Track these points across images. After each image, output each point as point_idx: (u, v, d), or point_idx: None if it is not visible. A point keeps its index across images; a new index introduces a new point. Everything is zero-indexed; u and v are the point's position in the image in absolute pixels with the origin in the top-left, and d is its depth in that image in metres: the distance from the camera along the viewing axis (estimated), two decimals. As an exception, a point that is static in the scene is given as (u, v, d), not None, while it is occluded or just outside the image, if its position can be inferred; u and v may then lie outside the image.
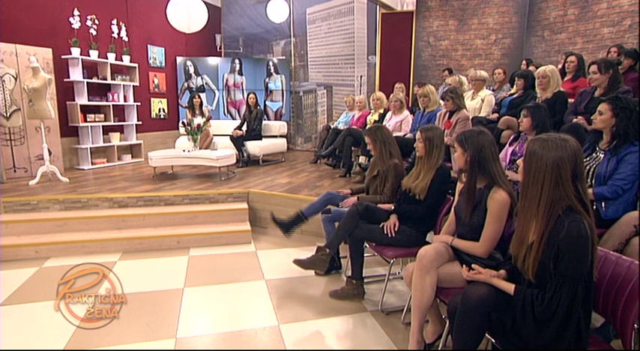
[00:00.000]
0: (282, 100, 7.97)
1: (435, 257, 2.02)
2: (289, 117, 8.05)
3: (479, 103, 4.51)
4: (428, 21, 6.91)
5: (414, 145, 2.78)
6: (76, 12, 5.54)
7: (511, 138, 3.12)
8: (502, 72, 5.20)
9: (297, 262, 2.90)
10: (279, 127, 7.11)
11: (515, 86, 4.34)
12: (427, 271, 1.98)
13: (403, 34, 7.03)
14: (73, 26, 5.53)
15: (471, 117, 4.01)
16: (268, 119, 7.39)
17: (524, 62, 5.79)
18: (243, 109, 7.72)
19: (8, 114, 4.74)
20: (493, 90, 4.97)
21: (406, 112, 4.93)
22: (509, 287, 1.57)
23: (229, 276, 3.19)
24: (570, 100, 3.60)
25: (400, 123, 4.83)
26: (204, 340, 2.35)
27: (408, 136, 4.58)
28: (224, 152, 5.22)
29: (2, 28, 4.90)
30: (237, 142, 6.15)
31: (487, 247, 1.96)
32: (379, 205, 2.86)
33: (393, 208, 2.75)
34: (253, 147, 6.22)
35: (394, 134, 4.67)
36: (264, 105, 7.76)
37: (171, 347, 2.25)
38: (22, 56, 4.91)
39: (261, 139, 6.48)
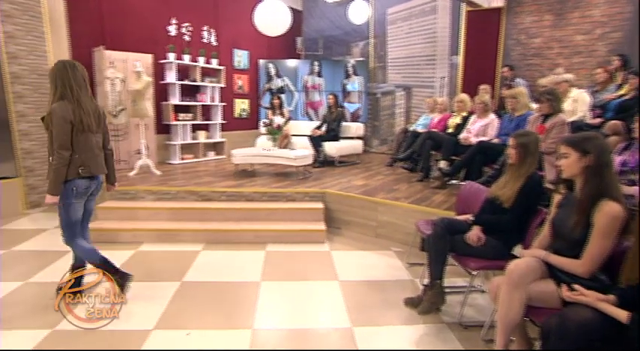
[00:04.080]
0: (360, 102, 7.96)
1: (526, 272, 1.86)
2: (366, 118, 8.01)
3: (570, 104, 4.08)
4: (519, 17, 6.41)
5: (506, 152, 2.58)
6: (173, 21, 6.07)
7: (620, 146, 2.77)
8: (603, 71, 4.62)
9: (421, 310, 2.55)
10: (356, 128, 7.11)
11: (627, 86, 3.84)
12: (516, 286, 1.83)
13: (490, 32, 6.61)
14: (169, 34, 6.06)
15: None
16: (345, 121, 7.42)
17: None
18: (321, 110, 7.86)
19: (116, 113, 5.33)
20: (596, 91, 4.46)
21: (492, 116, 4.62)
22: (622, 314, 1.38)
23: (304, 273, 3.24)
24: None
25: (485, 127, 4.54)
26: (278, 334, 2.41)
27: (495, 140, 4.30)
28: (302, 152, 5.33)
29: (115, 38, 5.57)
30: (316, 142, 6.24)
31: (590, 266, 1.75)
32: (458, 217, 2.72)
33: (472, 218, 2.58)
34: (330, 147, 6.28)
35: (478, 139, 4.44)
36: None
37: (248, 337, 2.33)
38: (129, 62, 5.51)
39: (338, 140, 6.52)
